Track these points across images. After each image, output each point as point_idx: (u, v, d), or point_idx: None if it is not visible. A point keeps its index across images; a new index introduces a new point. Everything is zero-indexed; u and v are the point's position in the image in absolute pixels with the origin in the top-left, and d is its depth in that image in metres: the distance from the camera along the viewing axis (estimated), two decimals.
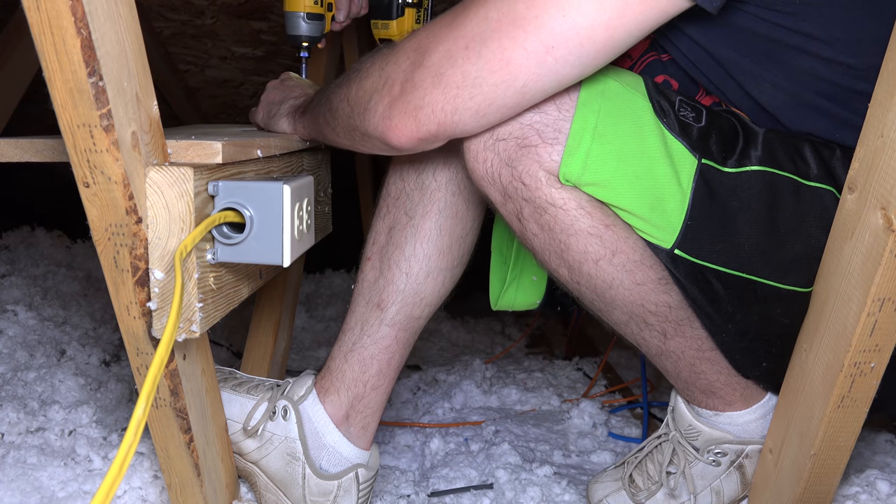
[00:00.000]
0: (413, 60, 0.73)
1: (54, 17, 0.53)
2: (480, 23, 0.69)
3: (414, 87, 0.72)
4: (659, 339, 0.85)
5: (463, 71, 0.70)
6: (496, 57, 0.69)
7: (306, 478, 0.90)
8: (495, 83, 0.70)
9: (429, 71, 0.71)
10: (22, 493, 0.91)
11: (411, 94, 0.73)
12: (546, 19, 0.67)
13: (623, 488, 0.99)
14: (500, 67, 0.69)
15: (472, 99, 0.71)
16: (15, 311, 1.40)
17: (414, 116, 0.73)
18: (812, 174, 0.78)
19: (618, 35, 0.68)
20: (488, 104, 0.71)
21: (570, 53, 0.68)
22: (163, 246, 0.65)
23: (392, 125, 0.74)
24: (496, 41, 0.69)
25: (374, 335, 0.93)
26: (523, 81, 0.70)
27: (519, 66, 0.69)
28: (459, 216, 0.94)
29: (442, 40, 0.71)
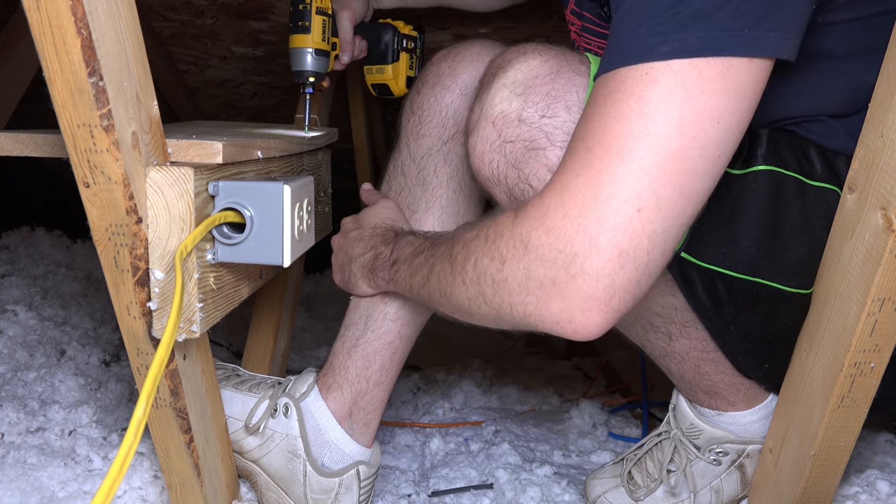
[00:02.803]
0: (568, 253, 0.63)
1: (54, 17, 0.53)
2: (637, 180, 0.62)
3: (600, 277, 0.63)
4: (664, 340, 0.85)
5: (649, 232, 0.63)
6: (676, 208, 0.64)
7: (307, 475, 0.90)
8: (675, 232, 0.65)
9: (605, 257, 0.62)
10: (22, 493, 0.91)
11: (603, 290, 0.63)
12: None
13: (621, 485, 0.99)
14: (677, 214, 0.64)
15: (663, 255, 0.65)
16: (15, 311, 1.40)
17: (608, 306, 0.64)
18: (816, 174, 0.78)
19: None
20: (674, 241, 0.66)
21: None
22: (163, 246, 0.65)
23: (580, 326, 0.65)
24: (667, 195, 0.63)
25: (378, 330, 0.93)
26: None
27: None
28: (460, 214, 0.94)
29: (591, 213, 0.63)
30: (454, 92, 0.92)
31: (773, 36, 0.63)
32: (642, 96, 0.62)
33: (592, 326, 0.64)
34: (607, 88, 0.64)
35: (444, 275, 0.75)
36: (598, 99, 0.65)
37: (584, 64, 0.77)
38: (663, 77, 0.62)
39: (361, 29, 1.15)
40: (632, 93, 0.62)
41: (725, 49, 0.61)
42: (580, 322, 0.64)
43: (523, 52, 0.77)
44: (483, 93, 0.78)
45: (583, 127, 0.66)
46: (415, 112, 0.95)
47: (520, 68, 0.76)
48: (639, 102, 0.62)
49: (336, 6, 1.10)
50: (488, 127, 0.76)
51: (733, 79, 0.62)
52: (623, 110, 0.62)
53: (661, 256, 0.65)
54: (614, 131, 0.63)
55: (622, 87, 0.63)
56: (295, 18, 1.04)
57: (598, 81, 0.66)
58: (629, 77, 0.63)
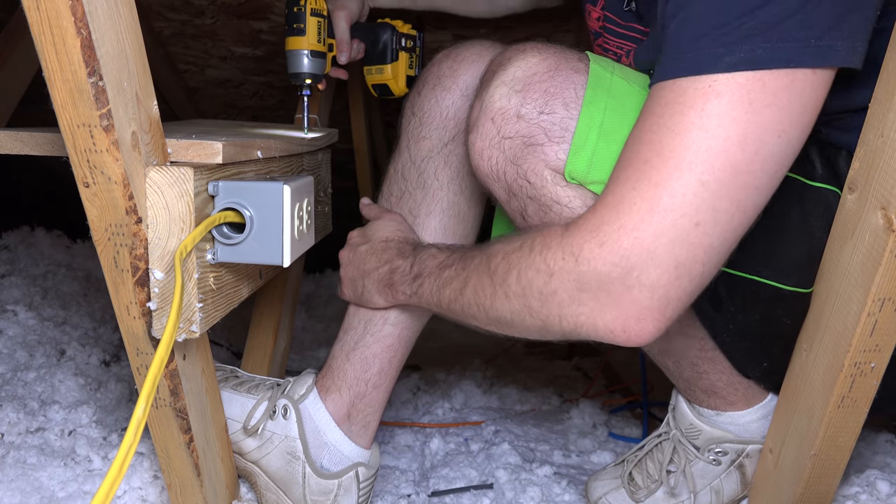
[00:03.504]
0: (624, 267, 0.64)
1: (54, 17, 0.53)
2: (696, 195, 0.62)
3: (658, 286, 0.64)
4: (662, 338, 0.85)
5: (706, 246, 0.64)
6: (723, 219, 0.64)
7: (306, 477, 0.90)
8: (727, 239, 0.66)
9: (662, 270, 0.64)
10: (22, 493, 0.91)
11: (657, 298, 0.65)
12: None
13: (622, 486, 0.99)
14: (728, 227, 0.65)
15: (715, 266, 0.66)
16: (15, 311, 1.40)
17: (662, 314, 0.66)
18: (817, 175, 0.78)
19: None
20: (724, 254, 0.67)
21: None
22: (163, 246, 0.65)
23: (634, 334, 0.67)
24: (723, 207, 0.63)
25: (378, 333, 0.93)
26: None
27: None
28: (462, 216, 0.94)
29: (648, 226, 0.63)
30: (455, 93, 0.92)
31: (841, 45, 0.62)
32: (704, 110, 0.61)
33: (646, 335, 0.66)
34: (665, 99, 0.64)
35: (481, 288, 0.74)
36: (655, 109, 0.64)
37: (583, 62, 0.77)
38: (727, 90, 0.61)
39: (359, 29, 1.14)
40: (693, 105, 0.62)
41: (792, 61, 0.61)
42: (634, 331, 0.66)
43: (522, 50, 0.78)
44: (483, 90, 0.78)
45: (638, 138, 0.65)
46: (415, 114, 0.95)
47: (519, 66, 0.76)
48: (700, 116, 0.61)
49: (331, 6, 1.09)
50: (487, 123, 0.76)
51: (798, 91, 0.62)
52: (683, 123, 0.62)
53: (714, 268, 0.66)
54: (673, 144, 0.62)
55: (683, 98, 0.62)
56: (290, 21, 1.04)
57: (654, 89, 0.66)
58: (690, 89, 0.62)
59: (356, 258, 0.94)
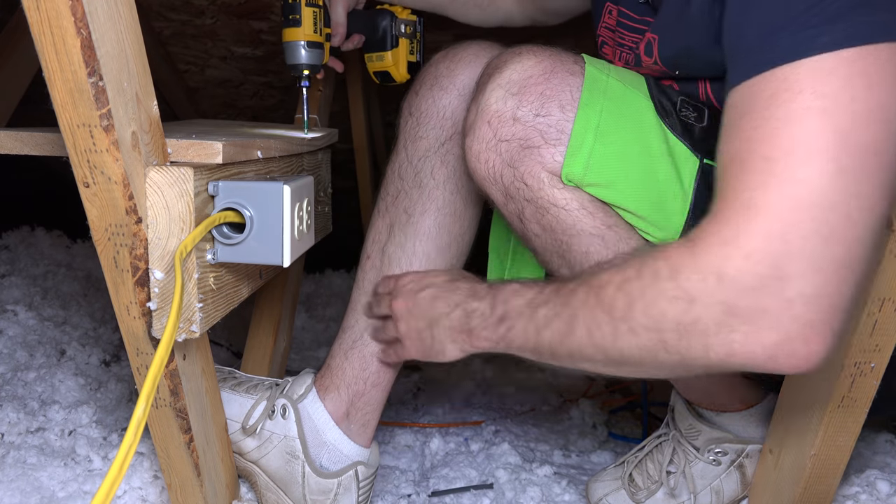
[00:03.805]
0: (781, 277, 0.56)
1: (54, 17, 0.53)
2: (836, 183, 0.56)
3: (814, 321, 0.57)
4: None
5: (860, 238, 0.57)
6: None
7: (306, 476, 0.90)
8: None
9: (825, 275, 0.56)
10: (22, 493, 0.91)
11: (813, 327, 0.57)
12: None
13: (623, 487, 0.99)
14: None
15: (857, 285, 0.58)
16: (15, 311, 1.40)
17: (830, 331, 0.57)
18: None
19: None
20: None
21: None
22: (163, 246, 0.65)
23: (802, 358, 0.58)
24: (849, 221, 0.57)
25: None
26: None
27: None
28: (458, 214, 0.94)
29: (795, 226, 0.56)
30: (452, 93, 0.92)
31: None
32: (817, 90, 0.56)
33: (815, 357, 0.57)
34: (765, 93, 0.58)
35: (597, 326, 0.65)
36: (753, 106, 0.59)
37: (579, 64, 0.77)
38: (838, 66, 0.56)
39: (357, 16, 1.13)
40: (802, 90, 0.56)
41: (890, 33, 0.56)
42: (802, 353, 0.57)
43: (518, 53, 0.78)
44: (479, 93, 0.78)
45: (742, 141, 0.59)
46: (412, 114, 0.95)
47: (515, 69, 0.76)
48: (815, 98, 0.56)
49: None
50: (484, 126, 0.76)
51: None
52: (797, 110, 0.56)
53: (869, 263, 0.59)
54: (793, 134, 0.56)
55: (786, 86, 0.57)
56: (286, 12, 1.03)
57: (739, 91, 0.61)
58: (793, 75, 0.57)
59: (418, 307, 0.83)
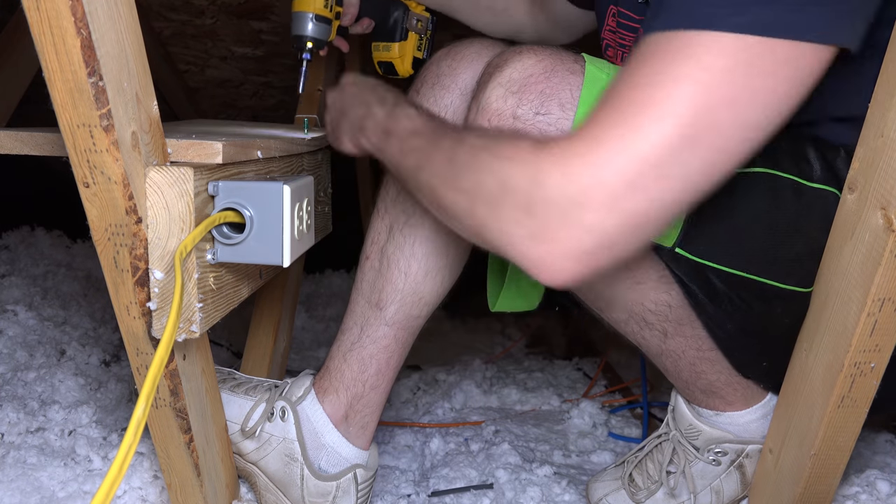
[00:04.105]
0: (564, 191, 0.61)
1: (54, 17, 0.53)
2: (671, 147, 0.60)
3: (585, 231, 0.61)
4: (659, 338, 0.85)
5: (661, 201, 0.61)
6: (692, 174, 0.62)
7: (304, 479, 0.90)
8: (679, 199, 0.63)
9: (615, 217, 0.61)
10: (22, 493, 0.91)
11: (576, 242, 0.62)
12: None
13: (623, 487, 0.99)
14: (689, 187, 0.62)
15: (658, 220, 0.63)
16: (15, 311, 1.40)
17: (578, 261, 0.63)
18: (815, 176, 0.78)
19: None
20: (669, 216, 0.64)
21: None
22: (163, 246, 0.65)
23: (557, 272, 0.63)
24: (694, 163, 0.61)
25: (374, 335, 0.93)
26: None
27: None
28: None
29: (614, 167, 0.60)
30: (454, 92, 0.92)
31: (845, 24, 0.61)
32: (703, 62, 0.59)
33: (567, 276, 0.63)
34: (666, 47, 0.61)
35: (439, 173, 0.70)
36: (651, 54, 0.62)
37: (579, 63, 0.77)
38: (733, 49, 0.59)
39: (371, 3, 1.13)
40: (692, 56, 0.59)
41: (802, 33, 0.59)
42: (558, 269, 0.63)
43: (519, 51, 0.78)
44: (480, 92, 0.78)
45: (628, 80, 0.62)
46: None
47: (515, 67, 0.76)
48: (700, 69, 0.59)
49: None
50: (484, 125, 0.76)
51: (798, 65, 0.60)
52: (682, 73, 0.60)
53: (660, 227, 0.64)
54: (664, 92, 0.60)
55: (686, 50, 0.60)
56: None
57: (651, 38, 0.63)
58: (696, 41, 0.60)
59: (341, 98, 0.92)
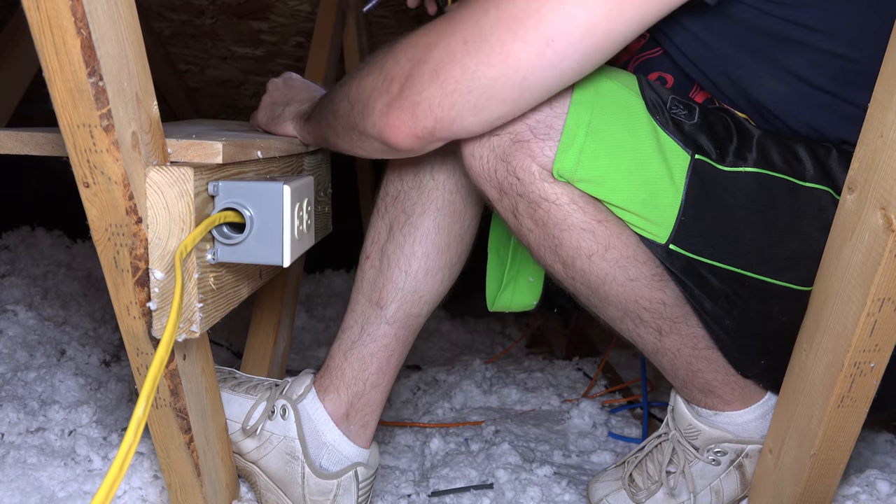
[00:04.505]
0: (412, 57, 0.72)
1: (54, 17, 0.53)
2: (480, 18, 0.69)
3: (412, 83, 0.72)
4: (654, 336, 0.85)
5: (462, 66, 0.69)
6: (495, 51, 0.68)
7: (305, 477, 0.90)
8: (494, 77, 0.69)
9: (427, 66, 0.71)
10: (22, 493, 0.91)
11: (409, 91, 0.72)
12: (545, 12, 0.67)
13: (623, 488, 0.99)
14: (499, 61, 0.69)
15: (469, 93, 0.70)
16: (15, 311, 1.40)
17: (412, 113, 0.72)
18: (808, 175, 0.78)
19: (617, 28, 0.68)
20: (486, 98, 0.71)
21: (569, 46, 0.68)
22: (163, 246, 0.65)
23: (389, 123, 0.74)
24: (495, 35, 0.68)
25: (374, 333, 0.93)
26: (523, 75, 0.69)
27: (518, 60, 0.68)
28: (457, 214, 0.94)
29: (441, 36, 0.71)
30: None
31: None
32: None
33: (405, 140, 0.74)
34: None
35: (340, 108, 0.82)
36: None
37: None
38: None
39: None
40: None
41: None
42: (400, 132, 0.74)
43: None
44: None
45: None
46: None
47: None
48: None
49: None
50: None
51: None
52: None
53: (465, 94, 0.71)
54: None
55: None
56: None
57: None
58: None
59: (287, 88, 1.04)
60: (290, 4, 1.51)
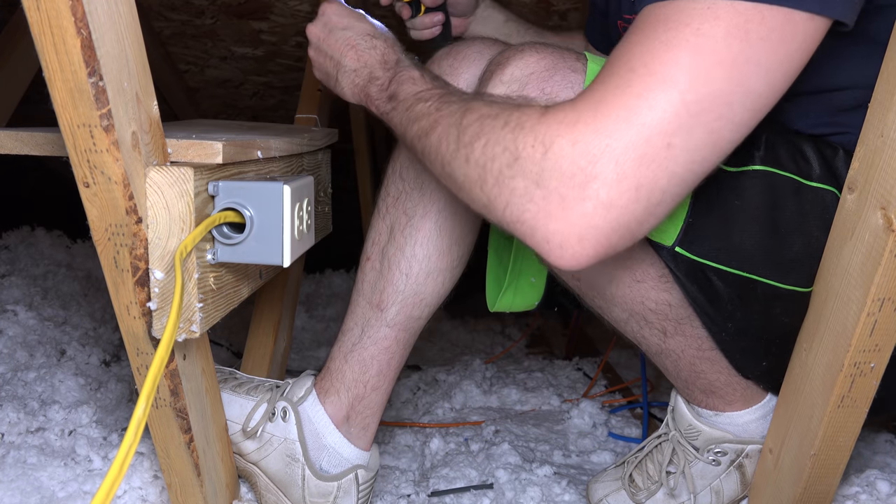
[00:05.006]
0: (580, 165, 0.59)
1: (54, 17, 0.53)
2: (676, 114, 0.59)
3: (596, 207, 0.59)
4: (659, 337, 0.85)
5: (671, 173, 0.60)
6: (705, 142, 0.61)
7: (306, 479, 0.90)
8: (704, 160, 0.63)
9: (624, 188, 0.59)
10: (22, 493, 0.91)
11: (589, 218, 0.60)
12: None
13: (623, 488, 0.99)
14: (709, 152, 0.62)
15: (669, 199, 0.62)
16: (15, 311, 1.40)
17: (605, 242, 0.61)
18: (814, 174, 0.78)
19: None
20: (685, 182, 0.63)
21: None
22: (163, 246, 0.65)
23: (569, 254, 0.61)
24: (699, 127, 0.60)
25: (374, 336, 0.93)
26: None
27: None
28: (459, 217, 0.93)
29: (622, 136, 0.59)
30: None
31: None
32: (700, 30, 0.59)
33: (582, 258, 0.61)
34: (660, 16, 0.62)
35: (447, 140, 0.69)
36: (646, 24, 0.62)
37: (581, 61, 0.77)
38: (726, 15, 0.59)
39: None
40: (689, 24, 0.60)
41: (791, 1, 0.60)
42: (572, 249, 0.61)
43: (521, 49, 0.78)
44: (481, 89, 0.78)
45: (626, 49, 0.63)
46: None
47: (517, 65, 0.76)
48: (696, 35, 0.59)
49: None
50: None
51: (791, 33, 0.61)
52: (677, 39, 0.60)
53: (671, 202, 0.62)
54: (663, 58, 0.60)
55: (679, 16, 0.60)
56: None
57: (645, 11, 0.64)
58: (689, 8, 0.60)
59: (331, 43, 0.90)
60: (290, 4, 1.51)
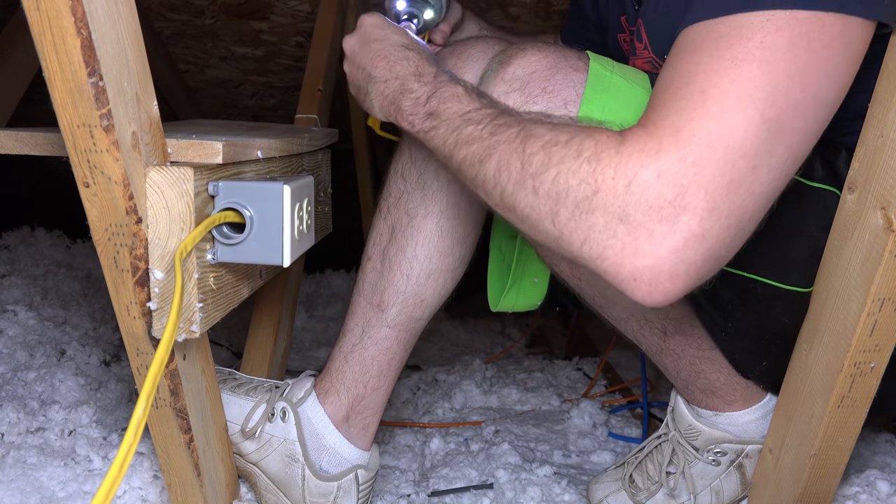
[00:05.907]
0: (667, 198, 0.55)
1: (54, 17, 0.53)
2: (757, 133, 0.57)
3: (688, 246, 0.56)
4: (659, 336, 0.85)
5: (757, 194, 0.58)
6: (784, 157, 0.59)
7: (306, 479, 0.90)
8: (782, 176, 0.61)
9: (716, 216, 0.56)
10: (22, 493, 0.91)
11: (682, 257, 0.56)
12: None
13: (623, 488, 0.99)
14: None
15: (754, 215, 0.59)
16: (15, 311, 1.40)
17: (696, 274, 0.58)
18: (816, 175, 0.78)
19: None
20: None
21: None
22: (163, 246, 0.65)
23: (660, 290, 0.57)
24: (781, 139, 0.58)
25: (375, 336, 0.93)
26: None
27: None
28: (461, 217, 0.93)
29: (708, 162, 0.55)
30: None
31: (886, 1, 0.61)
32: (765, 42, 0.57)
33: (671, 294, 0.57)
34: (715, 33, 0.59)
35: (507, 170, 0.63)
36: (702, 43, 0.59)
37: (583, 60, 0.77)
38: (788, 26, 0.57)
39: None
40: (752, 38, 0.57)
41: (847, 6, 0.59)
42: (662, 286, 0.56)
43: (523, 48, 0.78)
44: (482, 88, 0.78)
45: (683, 70, 0.59)
46: None
47: (519, 64, 0.76)
48: (762, 48, 0.57)
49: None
50: None
51: (850, 38, 0.60)
52: (743, 54, 0.57)
53: (754, 225, 0.60)
54: (732, 75, 0.56)
55: (739, 31, 0.58)
56: None
57: (691, 30, 0.61)
58: (747, 23, 0.58)
59: (364, 55, 0.84)
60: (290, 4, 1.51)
